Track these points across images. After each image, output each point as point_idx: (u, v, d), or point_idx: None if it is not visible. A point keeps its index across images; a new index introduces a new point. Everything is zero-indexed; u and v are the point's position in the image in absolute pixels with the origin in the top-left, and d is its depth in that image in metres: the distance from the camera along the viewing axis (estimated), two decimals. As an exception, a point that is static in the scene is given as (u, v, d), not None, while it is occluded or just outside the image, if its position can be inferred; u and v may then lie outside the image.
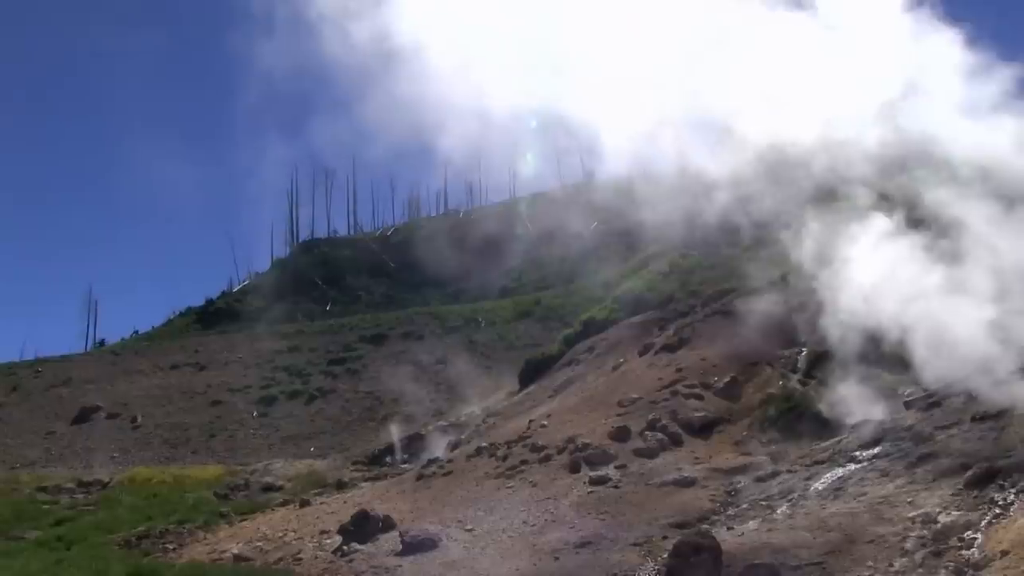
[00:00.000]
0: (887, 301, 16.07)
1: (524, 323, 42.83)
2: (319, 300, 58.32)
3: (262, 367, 42.42)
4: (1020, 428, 12.06)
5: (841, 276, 17.52)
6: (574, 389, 23.64)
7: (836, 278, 17.62)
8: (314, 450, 31.34)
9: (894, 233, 17.70)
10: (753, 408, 18.07)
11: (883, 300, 16.17)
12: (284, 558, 15.07)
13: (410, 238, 62.76)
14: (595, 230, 55.46)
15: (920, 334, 15.16)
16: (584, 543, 13.14)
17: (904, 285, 16.21)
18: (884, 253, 17.26)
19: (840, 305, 17.11)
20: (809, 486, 13.34)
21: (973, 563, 9.55)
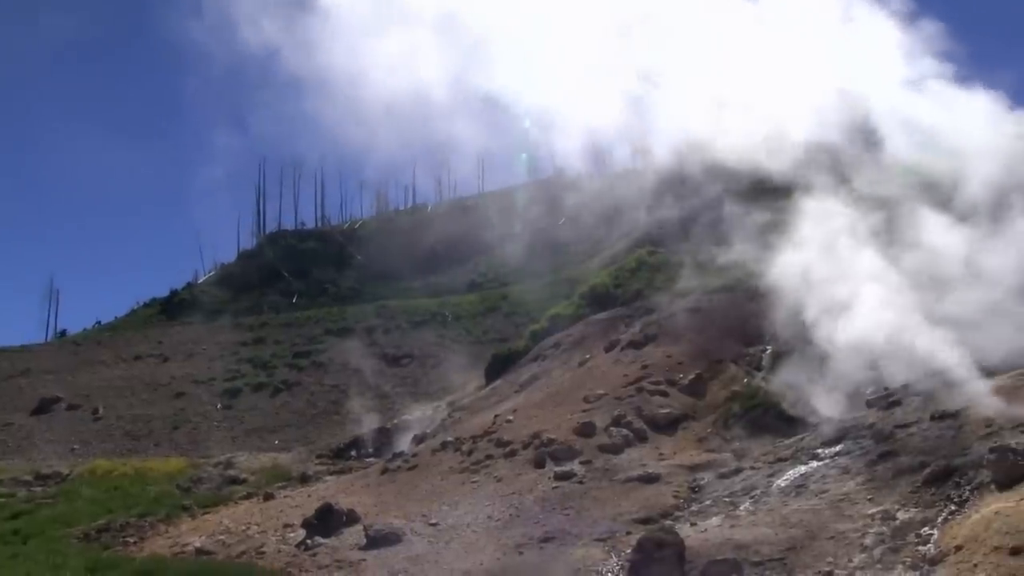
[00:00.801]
0: (846, 302, 16.30)
1: (491, 318, 42.77)
2: (285, 292, 57.82)
3: (227, 359, 42.02)
4: (976, 427, 12.26)
5: (801, 276, 17.68)
6: (540, 384, 23.69)
7: (796, 278, 17.78)
8: (278, 443, 31.09)
9: (851, 233, 17.91)
10: (718, 405, 18.23)
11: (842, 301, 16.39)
12: (247, 551, 14.97)
13: (377, 231, 62.45)
14: (563, 226, 55.61)
15: (880, 335, 15.35)
16: (548, 538, 13.17)
17: (861, 286, 16.46)
18: (840, 253, 17.47)
19: (801, 306, 17.28)
20: (772, 483, 13.46)
21: (929, 558, 9.70)
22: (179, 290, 61.35)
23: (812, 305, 17.01)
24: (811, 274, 17.50)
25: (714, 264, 24.69)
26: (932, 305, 15.47)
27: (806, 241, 18.35)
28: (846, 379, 15.87)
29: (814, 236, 18.24)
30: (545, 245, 54.03)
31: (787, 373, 17.16)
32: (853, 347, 15.71)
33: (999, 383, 13.30)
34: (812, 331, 16.74)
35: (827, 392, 15.97)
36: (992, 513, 9.64)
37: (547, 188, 60.60)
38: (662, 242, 31.76)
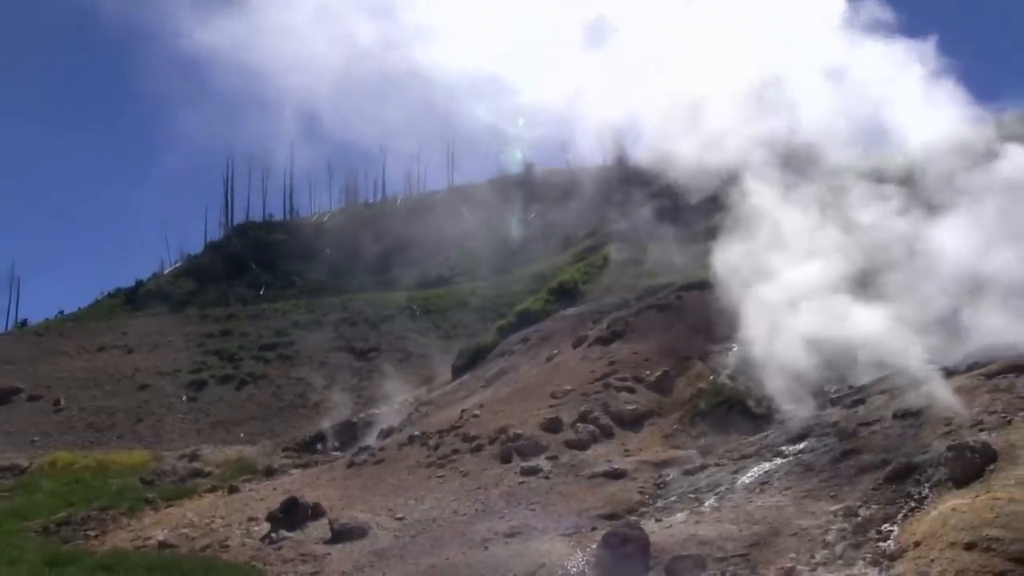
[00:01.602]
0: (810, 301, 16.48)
1: (459, 313, 42.73)
2: (252, 284, 57.44)
3: (192, 351, 41.70)
4: (936, 426, 12.43)
5: (763, 274, 17.82)
6: (507, 380, 23.73)
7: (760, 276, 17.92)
8: (244, 436, 30.92)
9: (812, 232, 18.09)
10: (684, 402, 18.35)
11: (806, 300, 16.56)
12: (211, 545, 14.88)
13: (346, 224, 62.19)
14: (532, 221, 55.70)
15: (842, 334, 15.53)
16: (514, 533, 13.19)
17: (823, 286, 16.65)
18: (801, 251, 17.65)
19: (765, 303, 17.42)
20: (736, 480, 13.57)
21: (889, 554, 9.83)
22: (145, 281, 60.75)
23: (773, 304, 17.16)
24: (768, 272, 17.65)
25: (682, 261, 24.86)
26: (893, 305, 15.68)
27: (764, 239, 18.49)
28: (810, 377, 16.02)
29: (773, 234, 18.38)
30: (514, 240, 54.13)
31: (752, 371, 17.29)
32: (816, 346, 15.87)
33: (958, 383, 13.49)
34: (776, 329, 16.88)
35: (791, 390, 16.12)
36: (949, 510, 9.79)
37: (517, 183, 60.74)
38: (631, 239, 31.92)
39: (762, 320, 17.42)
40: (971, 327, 15.03)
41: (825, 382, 16.13)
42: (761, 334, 17.45)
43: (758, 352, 17.02)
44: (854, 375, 15.55)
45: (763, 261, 18.02)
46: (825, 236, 17.84)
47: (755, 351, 17.13)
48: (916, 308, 15.59)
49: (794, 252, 17.74)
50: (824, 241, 17.72)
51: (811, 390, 15.98)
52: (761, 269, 17.91)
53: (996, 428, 11.63)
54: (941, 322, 15.37)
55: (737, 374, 17.91)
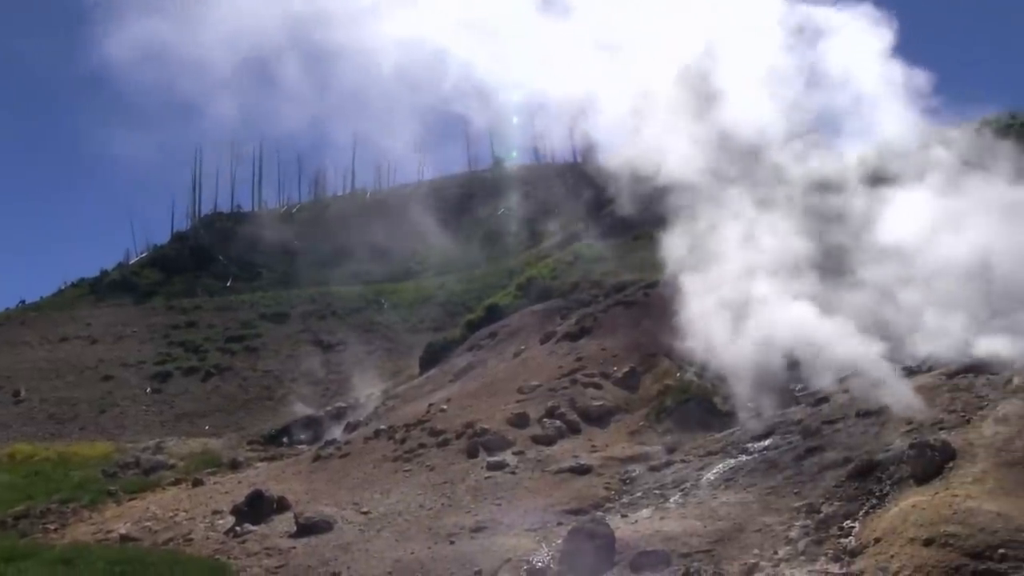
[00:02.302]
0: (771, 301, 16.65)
1: (427, 307, 42.69)
2: (219, 276, 56.96)
3: (157, 342, 41.33)
4: (898, 424, 12.61)
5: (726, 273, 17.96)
6: (475, 374, 23.73)
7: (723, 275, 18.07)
8: (209, 428, 30.68)
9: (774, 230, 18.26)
10: (650, 399, 18.43)
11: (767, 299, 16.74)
12: (174, 538, 14.76)
13: (315, 216, 61.86)
14: (501, 216, 55.73)
15: (808, 333, 15.69)
16: (480, 528, 13.21)
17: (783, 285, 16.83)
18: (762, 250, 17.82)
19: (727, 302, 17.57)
20: (701, 476, 13.67)
21: (850, 550, 9.97)
22: (110, 270, 60.01)
23: (737, 301, 17.31)
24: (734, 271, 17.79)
25: (651, 258, 24.94)
26: (857, 306, 15.88)
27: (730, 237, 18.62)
28: (774, 376, 16.16)
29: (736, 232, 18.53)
30: (483, 235, 54.13)
31: (719, 368, 17.40)
32: (779, 345, 16.02)
33: (920, 382, 13.69)
34: (741, 327, 17.01)
35: (757, 388, 16.25)
36: (910, 507, 9.96)
37: (486, 177, 60.76)
38: (600, 235, 32.05)
39: (724, 319, 17.54)
40: (932, 327, 15.25)
41: (790, 381, 16.29)
42: (724, 333, 17.56)
43: (722, 350, 17.13)
44: (818, 374, 15.70)
45: (718, 260, 18.15)
46: (781, 235, 18.00)
47: (719, 349, 17.23)
48: (878, 308, 15.80)
49: (750, 251, 17.90)
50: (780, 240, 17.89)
51: (776, 388, 16.12)
52: (716, 268, 18.05)
53: (956, 427, 11.83)
54: (902, 322, 15.59)
55: (703, 372, 18.02)
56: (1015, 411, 11.52)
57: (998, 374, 13.06)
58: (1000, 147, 17.75)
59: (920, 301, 15.66)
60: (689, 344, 17.89)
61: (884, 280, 16.26)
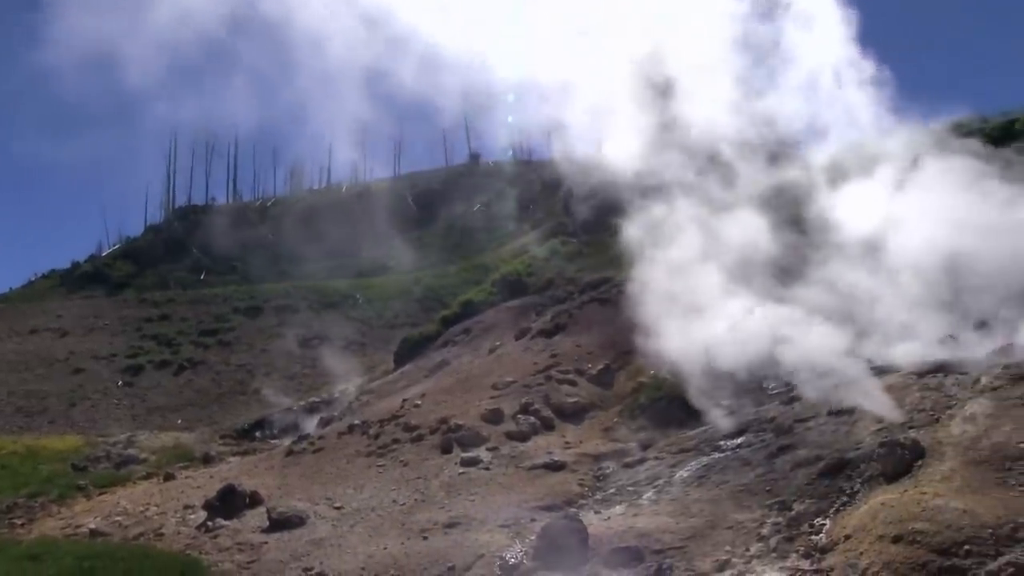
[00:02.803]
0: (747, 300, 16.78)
1: (402, 302, 42.59)
2: (193, 268, 56.51)
3: (130, 335, 40.97)
4: (869, 423, 12.72)
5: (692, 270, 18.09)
6: (449, 370, 23.73)
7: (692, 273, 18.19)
8: (181, 422, 30.46)
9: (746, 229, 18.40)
10: (624, 396, 18.50)
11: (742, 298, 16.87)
12: (145, 533, 14.67)
13: (290, 210, 61.52)
14: (478, 212, 55.69)
15: (780, 332, 15.80)
16: (453, 523, 13.22)
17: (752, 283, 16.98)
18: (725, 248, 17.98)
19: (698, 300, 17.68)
20: (675, 473, 13.74)
21: (820, 547, 10.06)
22: (81, 262, 59.42)
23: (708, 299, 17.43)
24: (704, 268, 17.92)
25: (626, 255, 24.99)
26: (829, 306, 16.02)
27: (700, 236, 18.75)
28: (749, 373, 16.25)
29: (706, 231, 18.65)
30: (459, 231, 54.08)
31: (692, 366, 17.48)
32: (754, 342, 16.11)
33: (890, 382, 13.82)
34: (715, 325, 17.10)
35: (730, 386, 16.34)
36: (879, 504, 10.06)
37: (462, 174, 60.69)
38: (576, 232, 32.06)
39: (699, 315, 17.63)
40: (901, 325, 15.42)
41: (763, 379, 16.38)
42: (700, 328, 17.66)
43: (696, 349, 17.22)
44: (791, 373, 15.80)
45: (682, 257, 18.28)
46: (745, 234, 18.16)
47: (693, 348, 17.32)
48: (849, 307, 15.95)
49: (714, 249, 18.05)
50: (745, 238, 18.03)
51: (749, 387, 16.21)
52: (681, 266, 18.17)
53: (925, 426, 11.96)
54: (874, 324, 15.76)
55: (677, 369, 18.08)
56: (982, 410, 11.65)
57: (967, 374, 13.21)
58: (964, 146, 18.01)
59: (889, 299, 15.85)
60: (660, 342, 17.97)
61: (851, 278, 16.45)
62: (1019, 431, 10.84)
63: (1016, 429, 10.91)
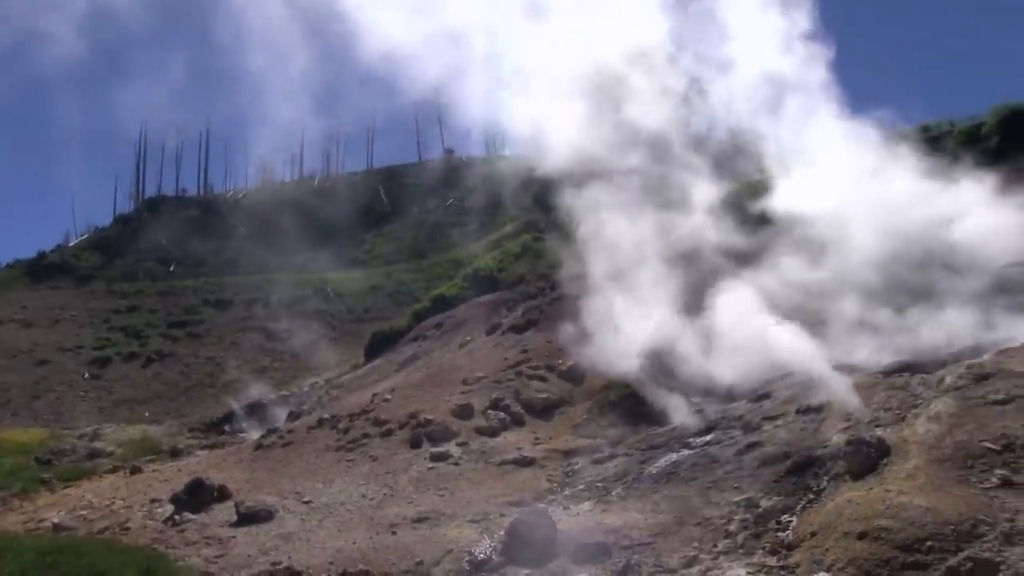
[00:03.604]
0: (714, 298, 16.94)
1: (373, 296, 42.50)
2: (163, 260, 56.09)
3: (97, 326, 40.57)
4: (836, 421, 12.85)
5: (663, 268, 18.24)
6: (420, 365, 23.70)
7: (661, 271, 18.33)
8: (149, 415, 30.22)
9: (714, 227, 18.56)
10: (594, 392, 18.54)
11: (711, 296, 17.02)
12: (110, 527, 14.53)
13: (262, 202, 61.18)
14: (450, 207, 55.62)
15: (746, 331, 15.94)
16: (422, 518, 13.21)
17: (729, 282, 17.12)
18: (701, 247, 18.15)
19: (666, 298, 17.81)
20: (644, 469, 13.79)
21: (787, 544, 10.15)
22: (48, 252, 58.77)
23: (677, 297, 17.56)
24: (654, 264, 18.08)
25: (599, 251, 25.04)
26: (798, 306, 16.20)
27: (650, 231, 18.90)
28: (718, 371, 16.36)
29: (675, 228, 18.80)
30: (431, 225, 53.98)
31: (662, 363, 17.56)
32: (723, 340, 16.23)
33: (857, 381, 13.96)
34: (684, 322, 17.21)
35: (700, 383, 16.43)
36: (845, 501, 10.17)
37: (436, 169, 60.57)
38: (548, 228, 32.09)
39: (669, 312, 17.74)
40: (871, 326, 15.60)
41: (732, 377, 16.47)
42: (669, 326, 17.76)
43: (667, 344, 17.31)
44: (762, 371, 15.92)
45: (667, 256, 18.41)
46: (697, 232, 18.34)
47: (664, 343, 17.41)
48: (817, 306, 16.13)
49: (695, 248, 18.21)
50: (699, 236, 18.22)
51: (718, 384, 16.30)
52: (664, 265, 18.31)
53: (891, 424, 12.10)
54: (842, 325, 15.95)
55: (648, 366, 18.17)
56: (946, 409, 11.80)
57: (932, 373, 13.38)
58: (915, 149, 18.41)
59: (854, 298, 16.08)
60: (632, 338, 18.06)
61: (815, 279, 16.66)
62: (981, 430, 11.00)
63: (978, 428, 11.06)
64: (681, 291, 17.84)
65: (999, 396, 11.76)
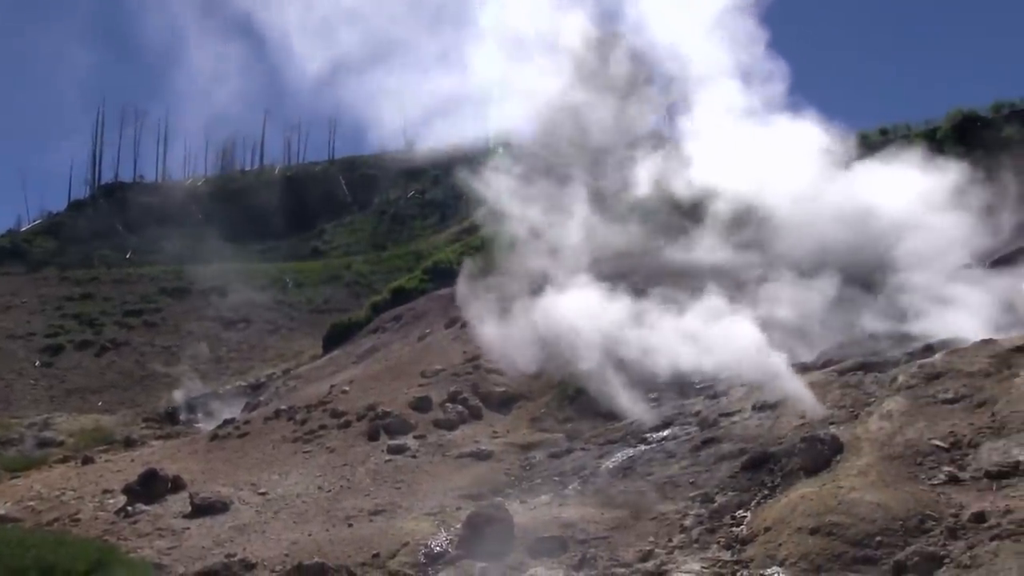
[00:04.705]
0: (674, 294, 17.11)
1: (332, 287, 42.24)
2: (119, 247, 55.19)
3: (49, 314, 39.85)
4: (791, 418, 13.02)
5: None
6: (378, 357, 23.63)
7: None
8: (102, 405, 29.79)
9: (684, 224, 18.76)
10: (553, 386, 18.57)
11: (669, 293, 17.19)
12: (60, 518, 14.30)
13: (221, 190, 60.47)
14: (411, 199, 55.41)
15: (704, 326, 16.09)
16: (379, 510, 13.19)
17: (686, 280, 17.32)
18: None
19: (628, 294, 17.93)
20: (600, 464, 13.87)
21: (741, 539, 10.29)
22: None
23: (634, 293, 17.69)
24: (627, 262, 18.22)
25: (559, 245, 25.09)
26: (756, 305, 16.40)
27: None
28: (675, 367, 16.45)
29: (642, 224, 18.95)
30: (392, 217, 53.76)
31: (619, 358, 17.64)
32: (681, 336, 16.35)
33: (812, 379, 14.15)
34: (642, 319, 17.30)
35: (657, 379, 16.52)
36: (799, 497, 10.33)
37: (397, 161, 60.23)
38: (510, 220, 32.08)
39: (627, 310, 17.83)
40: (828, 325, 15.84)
41: (690, 373, 16.59)
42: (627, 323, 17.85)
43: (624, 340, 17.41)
44: (719, 368, 16.06)
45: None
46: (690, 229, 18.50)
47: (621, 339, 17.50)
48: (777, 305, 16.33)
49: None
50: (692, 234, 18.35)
51: (677, 380, 16.41)
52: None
53: (844, 422, 12.30)
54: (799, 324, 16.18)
55: (604, 361, 18.24)
56: (898, 408, 12.03)
57: (885, 372, 13.60)
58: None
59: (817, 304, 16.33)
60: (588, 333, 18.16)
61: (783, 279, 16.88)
62: (931, 428, 11.24)
63: (928, 426, 11.30)
64: (635, 285, 17.94)
65: (948, 395, 12.04)
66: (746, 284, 17.53)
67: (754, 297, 16.89)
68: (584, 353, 17.45)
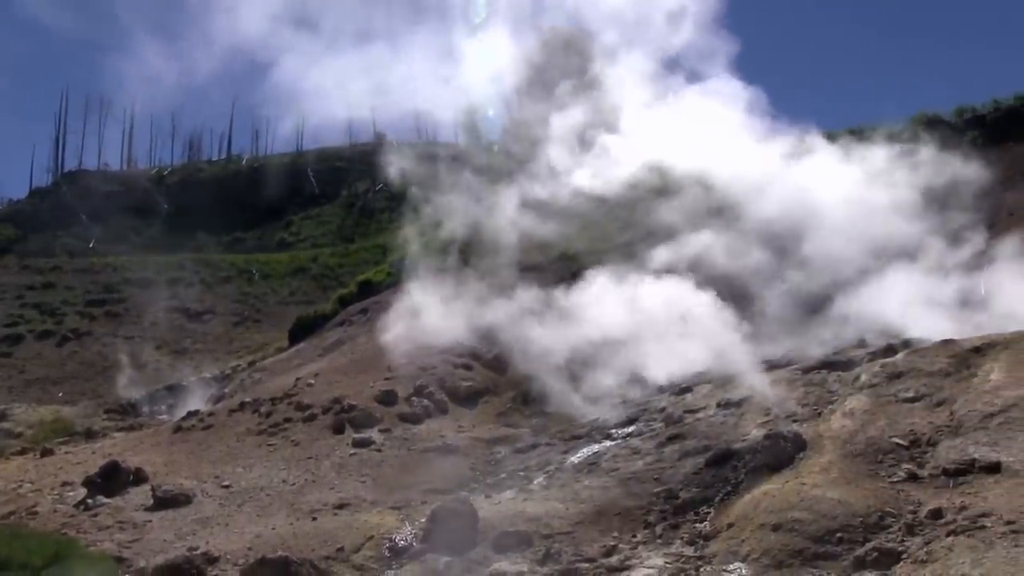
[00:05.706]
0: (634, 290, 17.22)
1: (299, 279, 42.00)
2: (82, 237, 54.41)
3: (9, 303, 39.23)
4: (756, 415, 13.16)
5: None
6: (344, 350, 23.52)
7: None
8: (63, 396, 29.37)
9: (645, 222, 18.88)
10: (519, 382, 18.61)
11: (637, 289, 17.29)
12: (16, 512, 14.05)
13: (187, 180, 59.85)
14: (380, 191, 55.18)
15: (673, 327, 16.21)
16: (343, 504, 13.14)
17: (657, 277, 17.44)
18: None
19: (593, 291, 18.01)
20: (566, 459, 13.92)
21: (704, 535, 10.39)
22: (-44, 224, 56.71)
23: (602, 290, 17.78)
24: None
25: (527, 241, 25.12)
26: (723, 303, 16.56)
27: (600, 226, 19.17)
28: (641, 363, 16.55)
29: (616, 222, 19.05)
30: (359, 210, 53.54)
31: (586, 354, 17.71)
32: (648, 332, 16.45)
33: (777, 376, 14.30)
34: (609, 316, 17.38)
35: (623, 375, 16.61)
36: (761, 494, 10.45)
37: (367, 152, 59.94)
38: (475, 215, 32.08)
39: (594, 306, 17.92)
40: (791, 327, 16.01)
41: (654, 369, 16.69)
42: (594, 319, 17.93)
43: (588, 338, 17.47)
44: (683, 364, 16.17)
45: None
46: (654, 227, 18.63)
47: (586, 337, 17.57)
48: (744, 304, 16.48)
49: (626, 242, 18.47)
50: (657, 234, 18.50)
51: (641, 377, 16.50)
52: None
53: (808, 420, 12.45)
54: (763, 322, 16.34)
55: (572, 357, 18.30)
56: (860, 406, 12.20)
57: (848, 371, 13.77)
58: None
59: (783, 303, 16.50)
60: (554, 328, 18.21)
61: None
62: (892, 426, 11.41)
63: (889, 424, 11.48)
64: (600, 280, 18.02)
65: (909, 394, 12.24)
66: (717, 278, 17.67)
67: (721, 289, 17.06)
68: (546, 349, 17.56)
